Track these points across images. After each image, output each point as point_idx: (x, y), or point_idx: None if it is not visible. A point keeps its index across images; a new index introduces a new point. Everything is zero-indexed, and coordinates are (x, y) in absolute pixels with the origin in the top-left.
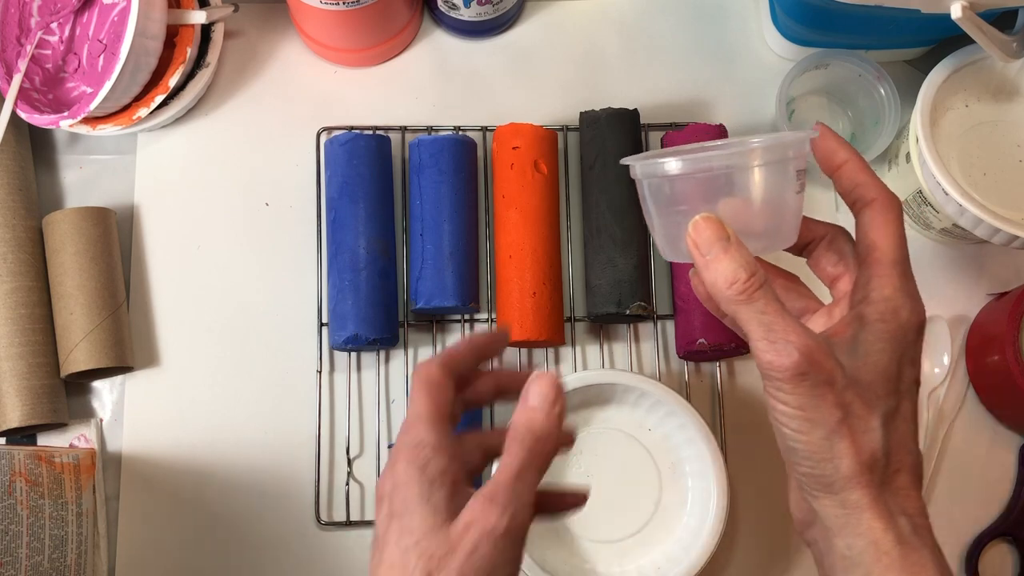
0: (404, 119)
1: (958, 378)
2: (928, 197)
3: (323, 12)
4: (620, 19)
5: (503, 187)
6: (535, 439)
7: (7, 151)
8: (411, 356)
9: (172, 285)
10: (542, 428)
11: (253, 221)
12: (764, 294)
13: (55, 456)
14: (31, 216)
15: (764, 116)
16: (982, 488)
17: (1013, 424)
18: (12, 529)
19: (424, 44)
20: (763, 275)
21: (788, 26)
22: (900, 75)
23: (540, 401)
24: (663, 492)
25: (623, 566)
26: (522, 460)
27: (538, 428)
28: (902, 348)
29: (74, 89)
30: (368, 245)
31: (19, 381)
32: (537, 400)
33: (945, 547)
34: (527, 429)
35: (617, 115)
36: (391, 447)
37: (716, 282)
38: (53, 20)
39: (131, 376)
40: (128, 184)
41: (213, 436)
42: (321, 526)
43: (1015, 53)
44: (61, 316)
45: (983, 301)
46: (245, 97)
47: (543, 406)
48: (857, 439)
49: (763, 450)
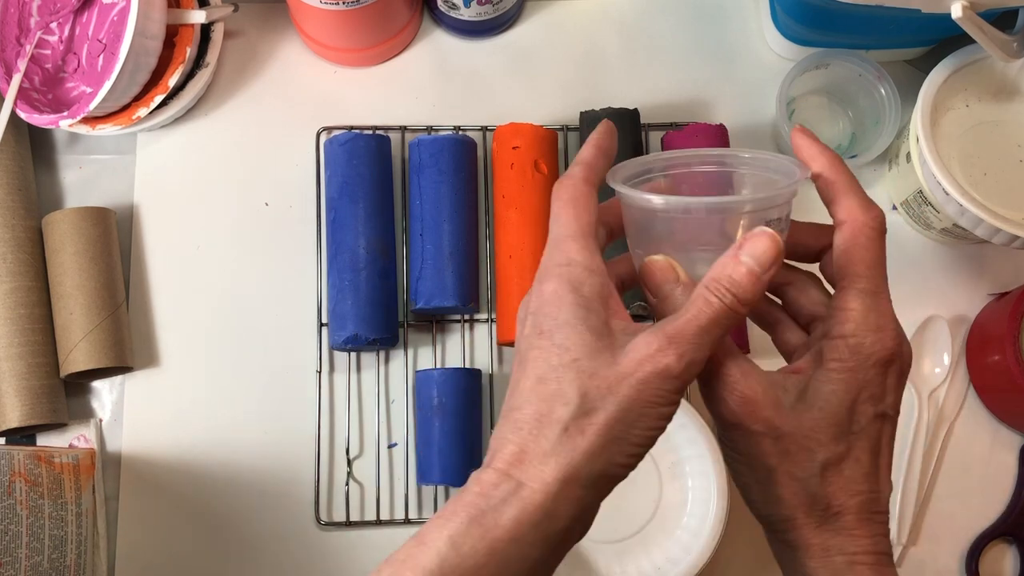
0: (404, 119)
1: (959, 378)
2: (928, 197)
3: (323, 12)
4: (620, 19)
5: (503, 187)
6: (735, 299)
7: (6, 151)
8: (411, 356)
9: (172, 285)
10: (745, 291)
11: (253, 221)
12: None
13: (55, 456)
14: (31, 216)
15: (764, 116)
16: (983, 488)
17: (1014, 424)
18: (12, 529)
19: (424, 44)
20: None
21: (788, 26)
22: (900, 75)
23: (754, 262)
24: (663, 492)
25: (623, 566)
26: (715, 313)
27: (742, 290)
28: (857, 388)
29: (74, 89)
30: (368, 245)
31: (18, 381)
32: (751, 259)
33: (945, 547)
34: (730, 285)
35: (617, 115)
36: (392, 447)
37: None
38: (53, 20)
39: (131, 376)
40: (128, 184)
41: (213, 436)
42: (321, 526)
43: (1015, 53)
44: (61, 316)
45: (983, 301)
46: (245, 97)
47: (756, 268)
48: (792, 486)
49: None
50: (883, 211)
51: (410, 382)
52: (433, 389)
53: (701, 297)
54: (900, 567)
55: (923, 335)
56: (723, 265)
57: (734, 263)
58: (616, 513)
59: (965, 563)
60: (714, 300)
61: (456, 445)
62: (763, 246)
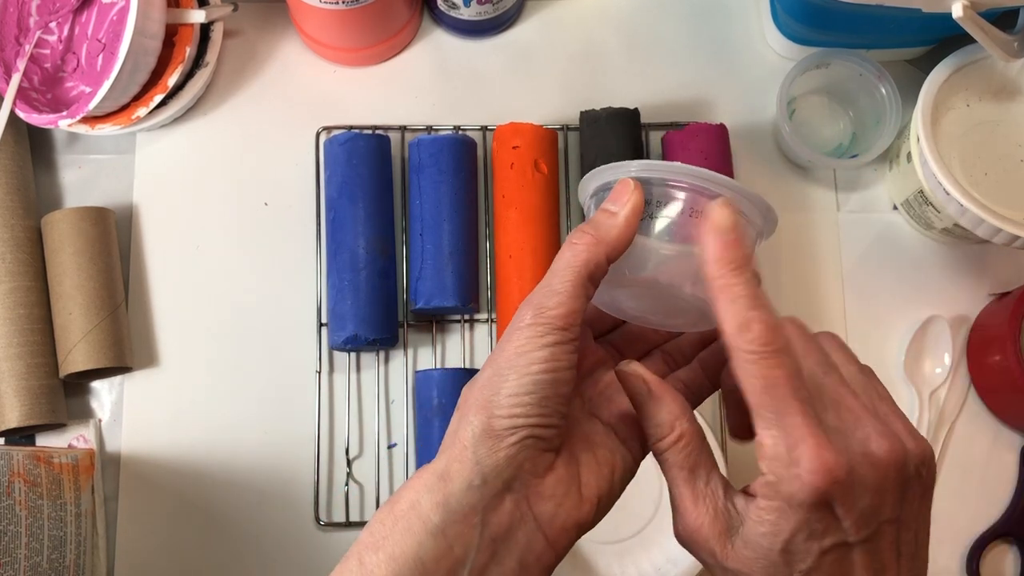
0: (404, 119)
1: (959, 378)
2: (929, 197)
3: (323, 11)
4: (620, 18)
5: (503, 187)
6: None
7: (6, 151)
8: (411, 356)
9: (171, 285)
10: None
11: (252, 221)
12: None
13: (54, 457)
14: (30, 216)
15: (765, 115)
16: (983, 488)
17: (1015, 424)
18: (11, 530)
19: (424, 44)
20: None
21: (789, 25)
22: (901, 74)
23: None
24: (663, 492)
25: (623, 566)
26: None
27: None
28: (789, 530)
29: (73, 89)
30: (368, 245)
31: (18, 381)
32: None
33: (946, 548)
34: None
35: (617, 114)
36: (392, 447)
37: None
38: (52, 19)
39: (130, 376)
40: (127, 184)
41: (212, 436)
42: (320, 526)
43: (1016, 53)
44: (60, 316)
45: (984, 301)
46: (244, 97)
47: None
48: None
49: None
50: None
51: (410, 382)
52: (433, 389)
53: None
54: None
55: (924, 335)
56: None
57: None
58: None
59: (966, 563)
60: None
61: None
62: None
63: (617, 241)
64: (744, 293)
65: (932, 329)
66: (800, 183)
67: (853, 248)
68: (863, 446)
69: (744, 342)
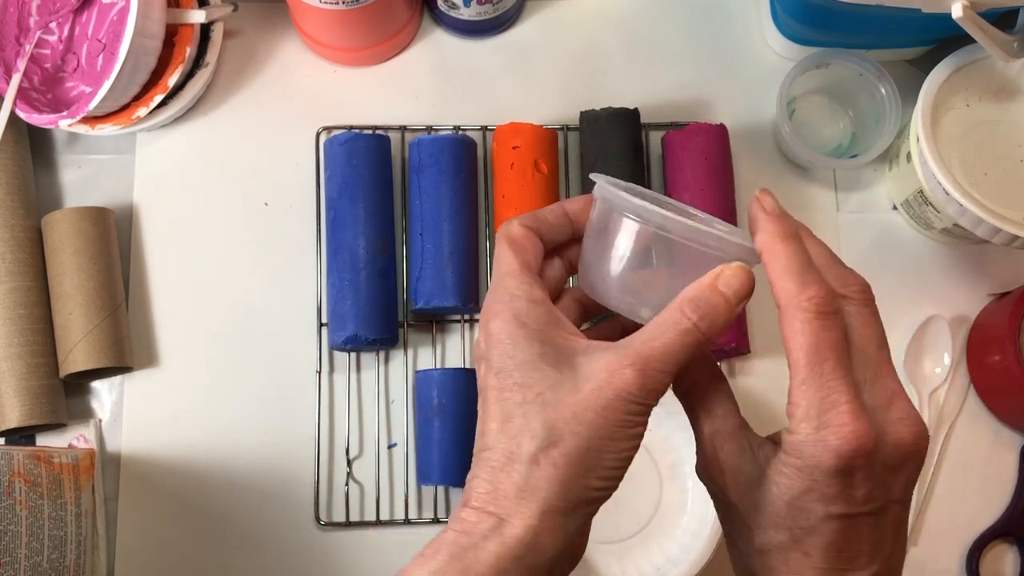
0: (404, 119)
1: (959, 378)
2: (929, 197)
3: (323, 11)
4: (620, 18)
5: (503, 187)
6: (709, 324)
7: (6, 151)
8: (411, 356)
9: (171, 285)
10: (719, 316)
11: (252, 221)
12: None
13: (54, 456)
14: (30, 216)
15: (765, 115)
16: (983, 488)
17: (1014, 424)
18: (11, 530)
19: (424, 44)
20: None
21: (789, 25)
22: (901, 74)
23: (730, 292)
24: (663, 492)
25: (623, 566)
26: (686, 335)
27: (717, 314)
28: (802, 487)
29: (73, 89)
30: (368, 245)
31: (18, 381)
32: (728, 289)
33: (946, 547)
34: (708, 309)
35: (617, 115)
36: (392, 447)
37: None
38: (52, 19)
39: (130, 376)
40: (127, 184)
41: (212, 436)
42: (320, 526)
43: (1016, 53)
44: (60, 316)
45: (984, 301)
46: (244, 97)
47: (732, 298)
48: (735, 552)
49: None
50: (829, 287)
51: (410, 382)
52: (433, 389)
53: (673, 319)
54: None
55: (923, 335)
56: (700, 288)
57: (711, 290)
58: (616, 513)
59: (965, 563)
60: (687, 323)
61: (456, 445)
62: (741, 279)
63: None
64: (802, 258)
65: (932, 329)
66: (800, 183)
67: (853, 248)
68: (894, 426)
69: (802, 300)
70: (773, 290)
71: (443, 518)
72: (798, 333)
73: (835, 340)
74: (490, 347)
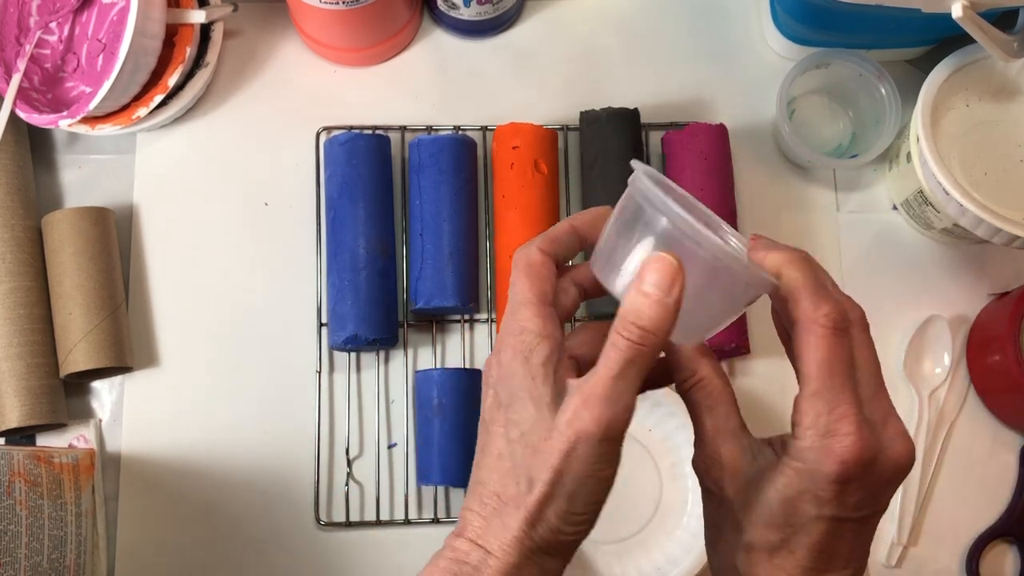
0: (404, 119)
1: (959, 378)
2: (929, 197)
3: (323, 12)
4: (620, 18)
5: (503, 187)
6: (641, 332)
7: (6, 151)
8: (411, 356)
9: (171, 285)
10: (651, 320)
11: (252, 221)
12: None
13: (54, 456)
14: (30, 216)
15: (765, 115)
16: (983, 488)
17: (1014, 424)
18: (11, 529)
19: (424, 44)
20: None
21: (789, 25)
22: (901, 75)
23: (653, 287)
24: (663, 492)
25: (623, 566)
26: (624, 356)
27: (646, 319)
28: (799, 488)
29: (73, 89)
30: (368, 245)
31: (18, 381)
32: (652, 286)
33: (945, 547)
34: (634, 318)
35: (617, 114)
36: (392, 447)
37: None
38: (52, 20)
39: (130, 376)
40: (127, 184)
41: (212, 436)
42: (320, 526)
43: (1016, 53)
44: (60, 316)
45: (984, 301)
46: (244, 97)
47: (655, 292)
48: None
49: None
50: (843, 306)
51: (410, 382)
52: (433, 389)
53: (610, 342)
54: (900, 567)
55: (923, 335)
56: (628, 300)
57: (636, 297)
58: (616, 513)
59: (965, 563)
60: (622, 341)
61: (456, 445)
62: (659, 269)
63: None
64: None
65: (932, 329)
66: (800, 183)
67: (853, 248)
68: (891, 441)
69: (820, 315)
70: (790, 308)
71: (443, 518)
72: (813, 348)
73: (846, 357)
74: (500, 376)
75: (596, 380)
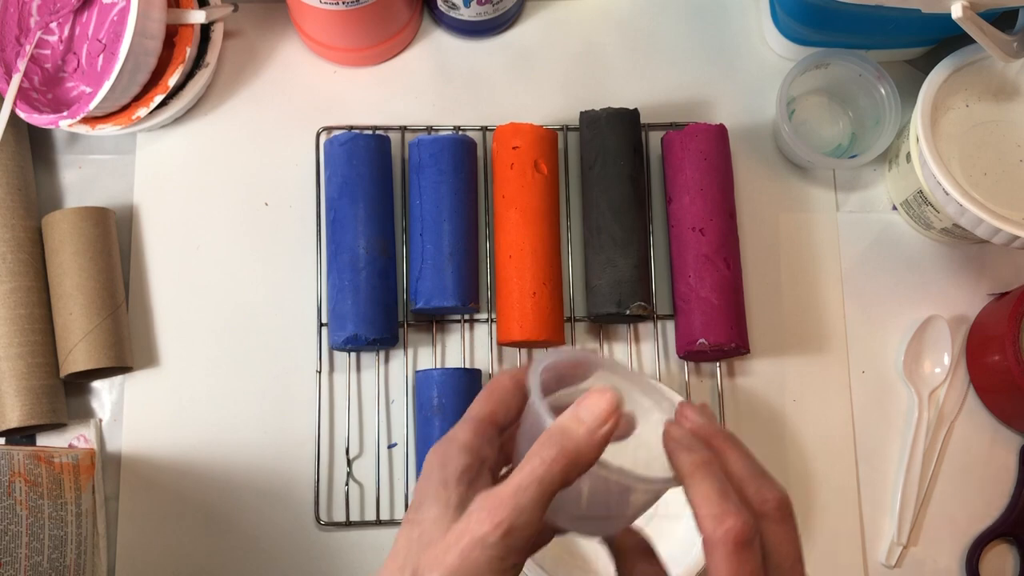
0: (404, 119)
1: (959, 378)
2: (929, 197)
3: (323, 12)
4: (620, 18)
5: (503, 187)
6: (566, 455)
7: (6, 151)
8: (411, 356)
9: (171, 285)
10: (577, 446)
11: (253, 221)
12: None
13: (54, 456)
14: (30, 216)
15: (764, 116)
16: (983, 488)
17: (1014, 424)
18: (11, 529)
19: (424, 44)
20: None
21: (788, 25)
22: (900, 75)
23: (588, 415)
24: None
25: None
26: (538, 472)
27: (573, 444)
28: None
29: (73, 89)
30: (368, 245)
31: (18, 381)
32: (586, 413)
33: (945, 547)
34: (561, 440)
35: (617, 115)
36: (392, 447)
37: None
38: (52, 20)
39: (130, 376)
40: (127, 184)
41: (213, 436)
42: (321, 526)
43: (1015, 53)
44: (60, 316)
45: (984, 301)
46: (244, 97)
47: (589, 422)
48: None
49: (763, 450)
50: (747, 515)
51: (410, 382)
52: (433, 389)
53: (529, 454)
54: (900, 567)
55: (923, 335)
56: (562, 419)
57: (570, 420)
58: None
59: (965, 563)
60: (539, 457)
61: None
62: (597, 404)
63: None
64: (718, 486)
65: (931, 329)
66: (800, 183)
67: (852, 248)
68: None
69: (721, 532)
70: (695, 519)
71: None
72: (719, 569)
73: (754, 568)
74: (419, 481)
75: (504, 488)
